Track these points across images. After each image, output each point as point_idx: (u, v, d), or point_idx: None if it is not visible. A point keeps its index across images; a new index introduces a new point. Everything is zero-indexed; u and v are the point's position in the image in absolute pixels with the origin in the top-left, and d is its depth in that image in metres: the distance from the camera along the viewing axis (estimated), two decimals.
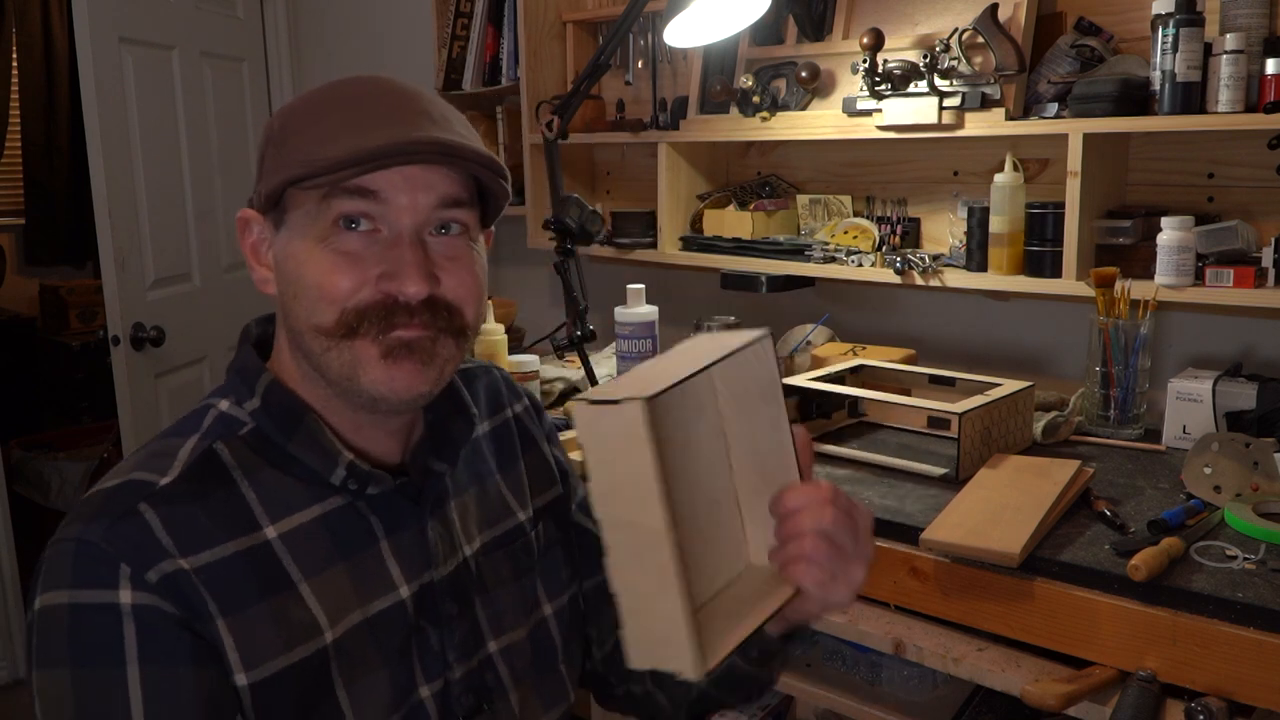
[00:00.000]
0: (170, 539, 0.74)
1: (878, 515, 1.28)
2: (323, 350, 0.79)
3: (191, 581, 0.73)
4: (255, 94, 3.05)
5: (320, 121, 0.78)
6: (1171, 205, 1.67)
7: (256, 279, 0.83)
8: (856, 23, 1.92)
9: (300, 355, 0.82)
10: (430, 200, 0.78)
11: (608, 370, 1.97)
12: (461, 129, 0.81)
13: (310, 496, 0.81)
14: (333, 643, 0.79)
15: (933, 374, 1.64)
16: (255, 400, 0.83)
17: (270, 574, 0.77)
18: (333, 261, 0.77)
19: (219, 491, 0.78)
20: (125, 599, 0.71)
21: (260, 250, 0.83)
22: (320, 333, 0.78)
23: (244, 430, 0.82)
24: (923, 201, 1.97)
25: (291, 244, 0.79)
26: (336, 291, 0.77)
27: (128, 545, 0.72)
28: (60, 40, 4.15)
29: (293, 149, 0.78)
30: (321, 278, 0.77)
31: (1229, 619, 1.04)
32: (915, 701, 1.35)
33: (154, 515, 0.74)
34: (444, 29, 2.53)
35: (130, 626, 0.71)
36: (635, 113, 2.33)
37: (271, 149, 0.80)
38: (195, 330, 2.72)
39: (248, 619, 0.75)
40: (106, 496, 0.76)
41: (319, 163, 0.75)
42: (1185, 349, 1.74)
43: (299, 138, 0.78)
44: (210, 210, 2.81)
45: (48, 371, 4.10)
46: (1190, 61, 1.48)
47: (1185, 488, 1.34)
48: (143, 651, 0.71)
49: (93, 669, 0.71)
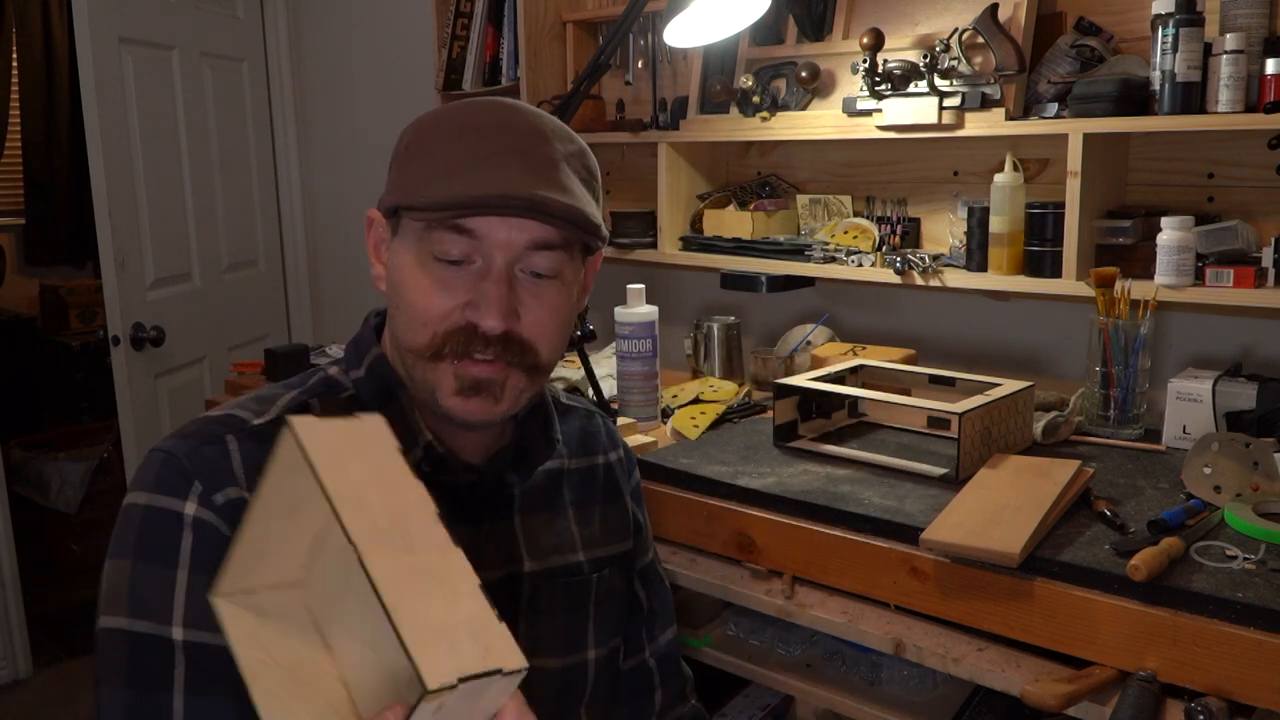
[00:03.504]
0: (244, 470, 0.82)
1: (878, 515, 1.29)
2: (412, 364, 0.87)
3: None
4: (255, 94, 3.05)
5: (439, 150, 0.84)
6: (1171, 205, 1.67)
7: (373, 274, 0.91)
8: (856, 23, 1.92)
9: (398, 354, 0.90)
10: (522, 240, 0.84)
11: (608, 370, 1.97)
12: (569, 175, 0.86)
13: None
14: None
15: (933, 374, 1.64)
16: (361, 370, 0.91)
17: None
18: (429, 285, 0.84)
19: None
20: (190, 510, 0.80)
21: (380, 249, 0.90)
22: (411, 349, 0.86)
23: (344, 394, 0.90)
24: (923, 201, 1.97)
25: (399, 255, 0.87)
26: (429, 314, 0.84)
27: (205, 466, 0.82)
28: (60, 40, 4.15)
29: (411, 173, 0.85)
30: (417, 298, 0.85)
31: (1229, 619, 1.04)
32: (915, 701, 1.35)
33: (236, 446, 0.83)
34: (444, 29, 2.53)
35: (189, 536, 0.80)
36: (635, 113, 2.33)
37: (397, 163, 0.88)
38: (195, 330, 2.73)
39: None
40: (205, 422, 0.86)
41: (425, 198, 0.82)
42: (1185, 349, 1.74)
43: (418, 163, 0.85)
44: (210, 210, 2.81)
45: (48, 371, 4.10)
46: (1190, 61, 1.48)
47: (1185, 488, 1.34)
48: (194, 559, 0.79)
49: (150, 564, 0.80)
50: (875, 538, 1.28)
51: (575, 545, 1.00)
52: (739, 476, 1.45)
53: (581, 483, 1.04)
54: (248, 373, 2.27)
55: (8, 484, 2.66)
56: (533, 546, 0.96)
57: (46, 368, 4.10)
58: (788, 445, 1.58)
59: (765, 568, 1.39)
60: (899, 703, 1.34)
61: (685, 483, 1.48)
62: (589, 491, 1.04)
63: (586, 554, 1.01)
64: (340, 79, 3.07)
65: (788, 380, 1.60)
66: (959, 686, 1.36)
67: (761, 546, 1.38)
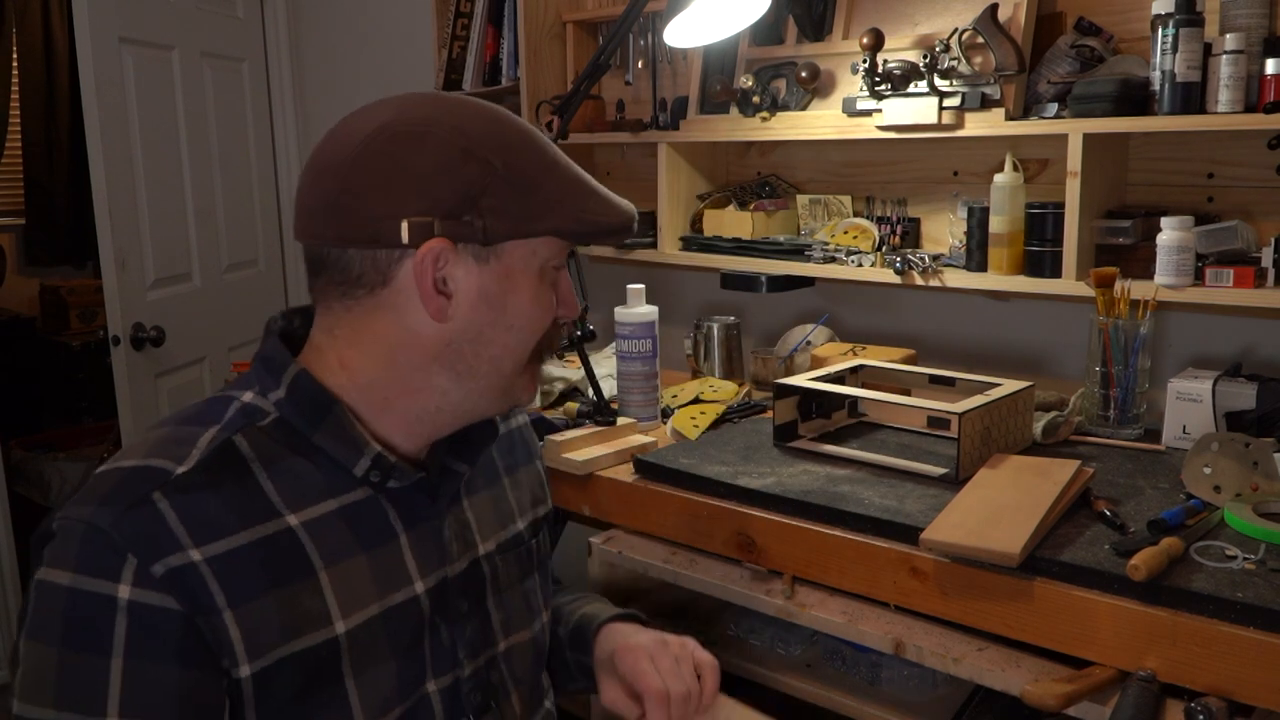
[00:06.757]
0: (184, 529, 0.75)
1: (878, 515, 1.29)
2: (513, 374, 0.87)
3: (200, 574, 0.74)
4: (255, 94, 3.05)
5: (554, 171, 0.84)
6: (1171, 205, 1.67)
7: (432, 309, 0.82)
8: (856, 23, 1.92)
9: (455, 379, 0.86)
10: None
11: (608, 370, 1.97)
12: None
13: (330, 487, 0.83)
14: (346, 633, 0.81)
15: (933, 374, 1.64)
16: (280, 391, 0.84)
17: (290, 561, 0.79)
18: (544, 293, 0.86)
19: (236, 482, 0.79)
20: (124, 594, 0.73)
21: (444, 282, 0.82)
22: (514, 363, 0.87)
23: (266, 420, 0.83)
24: (923, 201, 1.97)
25: (504, 279, 0.84)
26: (544, 321, 0.87)
27: (138, 535, 0.73)
28: (60, 40, 4.14)
29: (550, 199, 0.83)
30: (536, 310, 0.86)
31: (1229, 619, 1.04)
32: (915, 701, 1.35)
33: (167, 505, 0.75)
34: (444, 29, 2.53)
35: (123, 621, 0.73)
36: (635, 113, 2.33)
37: (502, 186, 0.81)
38: (195, 330, 2.73)
39: (258, 607, 0.77)
40: (121, 479, 0.77)
41: (596, 223, 0.85)
42: (1185, 349, 1.74)
43: (550, 187, 0.83)
44: (210, 210, 2.81)
45: (48, 371, 4.10)
46: (1190, 61, 1.48)
47: (1185, 488, 1.34)
48: (130, 647, 0.73)
49: (79, 653, 0.73)
50: (875, 538, 1.28)
51: (514, 514, 1.02)
52: (739, 476, 1.45)
53: (508, 448, 1.05)
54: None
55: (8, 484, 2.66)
56: (484, 527, 0.97)
57: (46, 368, 4.10)
58: (788, 445, 1.58)
59: (765, 568, 1.39)
60: (899, 703, 1.34)
61: (685, 483, 1.48)
62: (514, 455, 1.06)
63: (524, 520, 1.03)
64: (340, 79, 3.07)
65: (788, 380, 1.60)
66: (959, 686, 1.36)
67: (761, 546, 1.38)
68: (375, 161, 0.80)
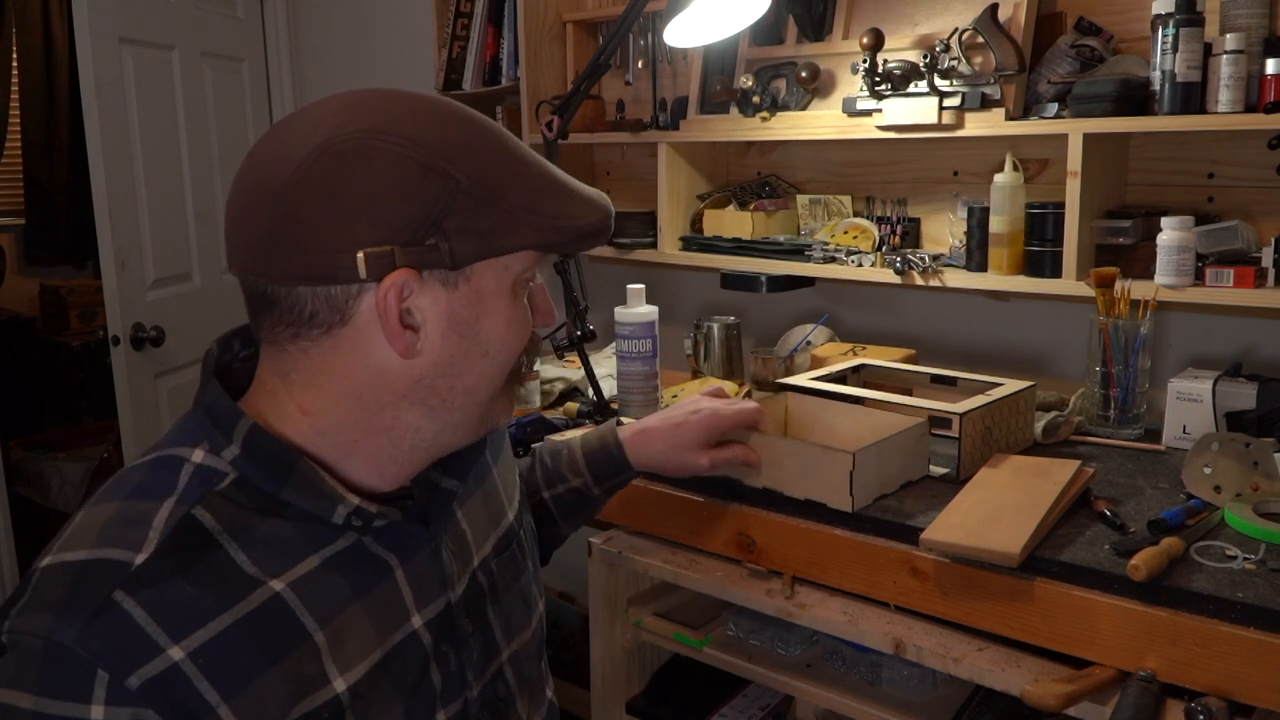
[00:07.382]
0: (157, 626, 0.66)
1: (878, 515, 1.29)
2: (490, 401, 0.81)
3: (184, 675, 0.67)
4: (255, 94, 3.05)
5: (521, 173, 0.76)
6: (1171, 205, 1.67)
7: (400, 347, 0.74)
8: (856, 23, 1.92)
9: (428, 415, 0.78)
10: None
11: (608, 370, 1.97)
12: None
13: (310, 541, 0.76)
14: (348, 689, 0.75)
15: (934, 374, 1.64)
16: (235, 448, 0.75)
17: (283, 629, 0.72)
18: (519, 312, 0.79)
19: (204, 561, 0.70)
20: (98, 715, 0.64)
21: (410, 314, 0.74)
22: (494, 385, 0.80)
23: (224, 484, 0.74)
24: (923, 201, 1.97)
25: (475, 303, 0.76)
26: (521, 343, 0.80)
27: (106, 647, 0.65)
28: (60, 40, 4.14)
29: (520, 207, 0.74)
30: (511, 332, 0.79)
31: (1229, 619, 1.04)
32: (915, 701, 1.35)
33: (134, 604, 0.66)
34: (444, 29, 2.53)
35: None
36: (635, 113, 2.33)
37: (466, 201, 0.72)
38: (195, 330, 2.72)
39: (257, 689, 0.70)
40: (75, 580, 0.67)
41: (573, 228, 0.77)
42: (1185, 349, 1.74)
43: (518, 192, 0.75)
44: (210, 210, 2.81)
45: (48, 371, 4.10)
46: (1190, 61, 1.48)
47: (1185, 488, 1.34)
48: None
49: None
50: (875, 538, 1.28)
51: (504, 505, 0.97)
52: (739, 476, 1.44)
53: (491, 439, 1.00)
54: None
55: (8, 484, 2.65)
56: (479, 533, 0.91)
57: (46, 368, 4.10)
58: None
59: (765, 568, 1.39)
60: (899, 703, 1.34)
61: (685, 483, 1.48)
62: (493, 444, 1.01)
63: (512, 509, 0.98)
64: (340, 79, 3.07)
65: (788, 380, 1.60)
66: (959, 686, 1.36)
67: (761, 546, 1.38)
68: (319, 185, 0.70)
